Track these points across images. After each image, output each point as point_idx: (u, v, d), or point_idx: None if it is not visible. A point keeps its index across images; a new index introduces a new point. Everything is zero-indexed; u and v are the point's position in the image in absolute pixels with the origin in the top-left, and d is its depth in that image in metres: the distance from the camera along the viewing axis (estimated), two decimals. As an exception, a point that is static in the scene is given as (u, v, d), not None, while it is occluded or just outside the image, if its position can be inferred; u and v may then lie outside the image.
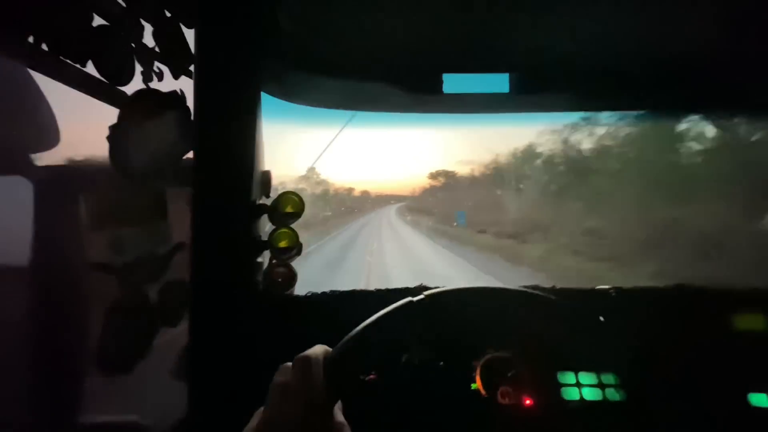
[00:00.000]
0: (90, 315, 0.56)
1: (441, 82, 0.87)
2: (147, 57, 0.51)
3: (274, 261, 0.69)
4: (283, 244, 0.68)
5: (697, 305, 0.62)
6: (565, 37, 0.81)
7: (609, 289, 0.64)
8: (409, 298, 0.37)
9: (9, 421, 0.52)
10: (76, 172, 0.60)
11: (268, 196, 0.73)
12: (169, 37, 0.54)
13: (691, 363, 0.57)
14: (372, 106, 0.95)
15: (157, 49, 0.53)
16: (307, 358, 0.34)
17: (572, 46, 0.84)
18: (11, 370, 0.52)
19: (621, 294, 0.63)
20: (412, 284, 0.67)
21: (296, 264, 0.71)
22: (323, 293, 0.68)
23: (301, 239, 0.68)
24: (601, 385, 0.57)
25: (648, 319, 0.59)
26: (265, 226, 0.71)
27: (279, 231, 0.68)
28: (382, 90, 0.87)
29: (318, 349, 0.35)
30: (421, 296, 0.37)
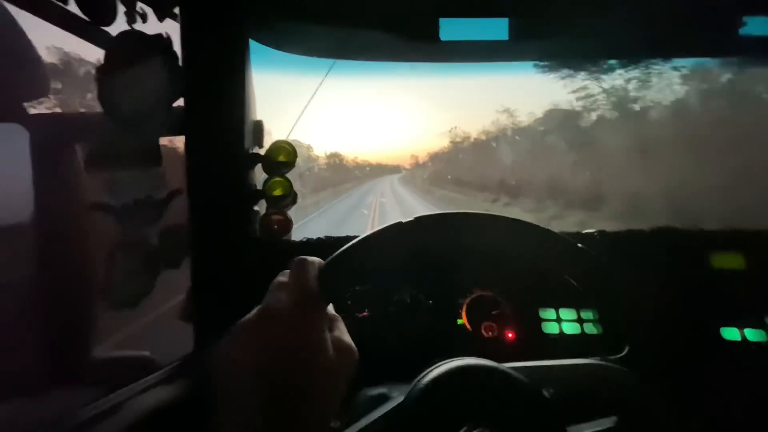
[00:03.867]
0: (94, 255, 0.59)
1: (437, 28, 0.84)
2: (129, -3, 0.50)
3: (269, 209, 0.71)
4: (277, 192, 0.70)
5: (674, 247, 0.64)
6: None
7: (593, 232, 0.66)
8: (399, 220, 0.39)
9: (25, 360, 0.56)
10: (69, 119, 0.61)
11: (261, 146, 0.73)
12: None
13: (668, 300, 0.60)
14: (366, 54, 0.93)
15: (139, -11, 0.52)
16: (304, 259, 0.37)
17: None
18: (24, 313, 0.56)
19: (604, 237, 0.65)
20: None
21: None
22: (318, 238, 0.70)
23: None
24: (579, 320, 0.61)
25: (628, 259, 0.61)
26: (260, 176, 0.72)
27: (273, 180, 0.69)
28: (376, 37, 0.85)
29: (314, 258, 0.38)
30: (411, 219, 0.39)
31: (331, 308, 0.39)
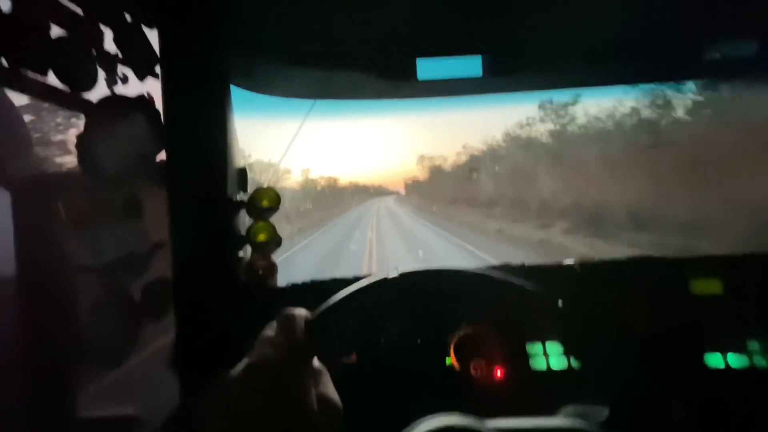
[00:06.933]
0: (76, 315, 0.58)
1: (414, 67, 0.87)
2: (110, 62, 0.51)
3: (254, 255, 0.71)
4: (261, 237, 0.70)
5: (656, 274, 0.65)
6: (535, 15, 0.82)
7: (574, 263, 0.67)
8: (384, 275, 0.40)
9: (6, 422, 0.54)
10: (51, 178, 0.61)
11: (245, 192, 0.74)
12: (130, 40, 0.54)
13: (651, 328, 0.61)
14: (345, 94, 0.95)
15: (119, 54, 0.53)
16: (291, 314, 0.38)
17: (542, 25, 0.85)
18: (4, 375, 0.54)
19: (585, 267, 0.67)
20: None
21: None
22: (303, 283, 0.70)
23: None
24: (566, 354, 0.61)
25: (610, 289, 0.62)
26: (244, 221, 0.72)
27: (257, 225, 0.70)
28: (355, 77, 0.87)
29: (302, 310, 0.39)
30: (395, 274, 0.40)
31: (315, 360, 0.40)
